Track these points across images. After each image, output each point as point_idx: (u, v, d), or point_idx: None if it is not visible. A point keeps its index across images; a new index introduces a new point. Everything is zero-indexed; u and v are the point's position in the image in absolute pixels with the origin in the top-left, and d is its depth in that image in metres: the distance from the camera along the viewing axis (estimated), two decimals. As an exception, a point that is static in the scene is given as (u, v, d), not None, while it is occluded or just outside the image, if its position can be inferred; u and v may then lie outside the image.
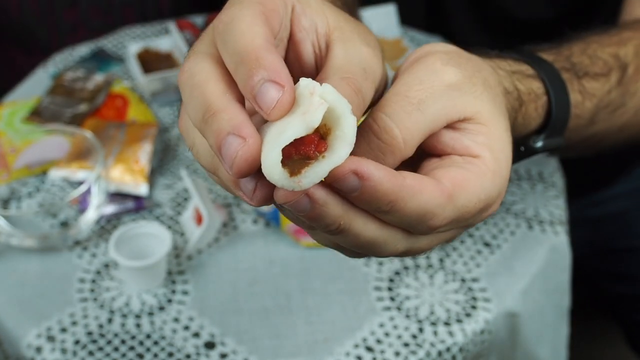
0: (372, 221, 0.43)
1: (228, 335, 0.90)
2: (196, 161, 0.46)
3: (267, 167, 0.39)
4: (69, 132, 1.09)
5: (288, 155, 0.39)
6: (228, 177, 0.43)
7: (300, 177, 0.39)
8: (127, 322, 0.92)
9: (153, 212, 1.05)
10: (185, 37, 1.30)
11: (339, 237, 0.43)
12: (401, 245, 0.44)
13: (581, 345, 1.33)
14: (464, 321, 0.90)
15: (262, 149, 0.40)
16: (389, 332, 0.90)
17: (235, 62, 0.41)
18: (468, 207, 0.44)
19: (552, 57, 0.66)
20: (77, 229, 1.00)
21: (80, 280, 0.96)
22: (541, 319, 0.98)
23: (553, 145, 0.63)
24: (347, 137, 0.40)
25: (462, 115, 0.45)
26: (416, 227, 0.43)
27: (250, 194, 0.42)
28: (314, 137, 0.40)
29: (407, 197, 0.41)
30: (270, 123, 0.41)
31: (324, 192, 0.41)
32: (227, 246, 1.01)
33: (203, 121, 0.41)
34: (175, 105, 1.23)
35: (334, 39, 0.46)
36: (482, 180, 0.44)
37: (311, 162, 0.40)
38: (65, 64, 1.30)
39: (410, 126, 0.43)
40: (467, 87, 0.45)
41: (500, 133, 0.46)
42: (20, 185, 1.09)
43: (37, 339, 0.89)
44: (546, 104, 0.61)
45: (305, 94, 0.40)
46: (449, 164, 0.45)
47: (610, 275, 1.28)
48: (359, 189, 0.40)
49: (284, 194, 0.40)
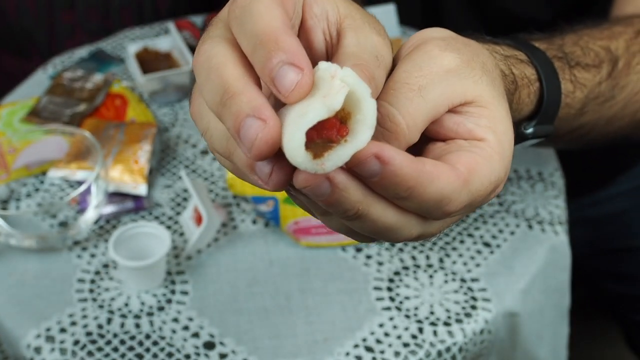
0: (390, 207, 0.43)
1: (227, 336, 0.90)
2: (207, 145, 0.46)
3: (291, 149, 0.39)
4: (68, 132, 1.09)
5: (310, 138, 0.39)
6: (244, 161, 0.42)
7: (323, 160, 0.39)
8: (126, 323, 0.91)
9: (152, 212, 1.05)
10: (185, 37, 1.30)
11: (355, 222, 0.43)
12: (415, 230, 0.44)
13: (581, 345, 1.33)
14: (463, 321, 0.90)
15: (283, 131, 0.39)
16: (389, 332, 0.90)
17: (253, 44, 0.41)
18: (480, 191, 0.44)
19: (545, 45, 0.67)
20: (76, 229, 1.00)
21: (80, 280, 0.96)
22: (541, 318, 0.98)
23: (544, 132, 0.64)
24: (369, 121, 0.40)
25: (463, 99, 0.45)
26: (432, 212, 0.43)
27: (266, 177, 0.41)
28: (335, 120, 0.40)
29: (425, 182, 0.41)
30: (287, 107, 0.41)
31: (344, 177, 0.41)
32: (226, 246, 1.00)
33: (221, 104, 0.41)
34: (180, 105, 1.23)
35: (345, 27, 0.46)
36: (490, 163, 0.44)
37: (334, 146, 0.39)
38: (64, 65, 1.30)
39: (412, 112, 0.43)
40: (466, 71, 0.46)
41: (501, 115, 0.46)
42: (20, 185, 1.09)
43: (37, 339, 0.89)
44: (538, 91, 0.62)
45: (325, 78, 0.40)
46: (456, 149, 0.45)
47: (609, 275, 1.28)
48: (379, 174, 0.40)
49: (305, 177, 0.40)
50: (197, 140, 1.16)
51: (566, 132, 0.72)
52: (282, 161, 0.40)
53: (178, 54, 1.27)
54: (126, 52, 1.28)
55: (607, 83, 0.74)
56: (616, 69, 0.75)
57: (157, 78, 1.21)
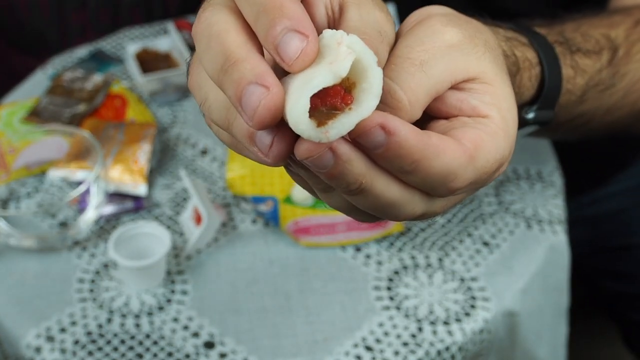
0: (394, 181, 0.41)
1: (227, 335, 0.90)
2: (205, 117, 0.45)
3: (294, 116, 0.38)
4: (68, 132, 1.09)
5: (314, 106, 0.38)
6: (243, 132, 0.41)
7: (327, 128, 0.38)
8: (126, 322, 0.92)
9: (152, 212, 1.05)
10: (184, 37, 1.30)
11: (358, 197, 0.42)
12: (419, 207, 0.43)
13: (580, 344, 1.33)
14: (463, 320, 0.90)
15: (286, 99, 0.38)
16: (388, 331, 0.90)
17: (256, 11, 0.40)
18: (486, 168, 0.43)
19: (545, 31, 0.66)
20: (76, 229, 1.00)
21: (80, 280, 0.96)
22: (540, 318, 0.99)
23: (544, 118, 0.63)
24: (374, 89, 0.39)
25: (466, 75, 0.44)
26: (437, 188, 0.42)
27: (266, 149, 0.40)
28: (340, 88, 0.38)
29: (431, 156, 0.40)
30: (291, 76, 0.40)
31: (348, 147, 0.39)
32: (226, 246, 1.01)
33: (222, 71, 0.39)
34: (180, 105, 1.23)
35: (347, 2, 0.44)
36: (496, 140, 0.43)
37: (338, 114, 0.38)
38: (64, 65, 1.30)
39: (414, 88, 0.42)
40: (469, 47, 0.45)
41: (505, 92, 0.45)
42: (19, 185, 1.09)
43: (37, 339, 0.89)
44: (539, 75, 0.61)
45: (331, 45, 0.39)
46: (460, 125, 0.44)
47: (608, 273, 1.28)
48: (384, 145, 0.39)
49: (307, 147, 0.39)
50: (196, 140, 1.16)
51: (565, 121, 0.71)
52: (284, 131, 0.39)
53: (177, 54, 1.27)
54: (125, 52, 1.29)
55: (607, 70, 0.73)
56: (616, 56, 0.74)
57: (157, 78, 1.21)
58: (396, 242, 1.00)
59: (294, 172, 0.43)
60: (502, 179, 1.09)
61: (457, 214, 1.04)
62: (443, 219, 1.03)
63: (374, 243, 1.00)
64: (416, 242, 1.00)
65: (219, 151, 1.14)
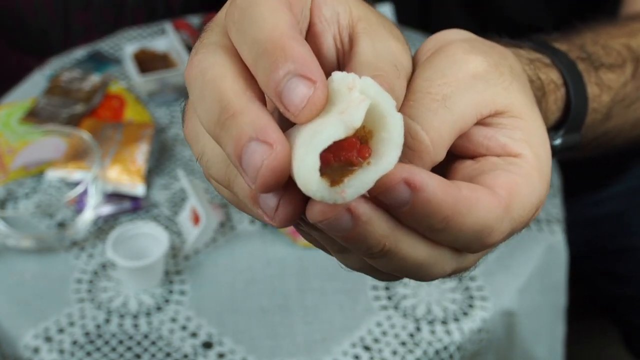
0: (421, 241, 0.37)
1: (226, 335, 0.90)
2: (203, 171, 0.40)
3: (303, 175, 0.33)
4: (66, 133, 1.09)
5: (326, 162, 0.33)
6: (245, 193, 0.36)
7: (343, 187, 0.33)
8: (124, 323, 0.92)
9: (150, 212, 1.05)
10: (182, 37, 1.30)
11: (381, 260, 0.37)
12: (449, 266, 0.39)
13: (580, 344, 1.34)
14: (461, 320, 0.90)
15: (292, 156, 0.33)
16: (387, 331, 0.90)
17: (256, 53, 0.35)
18: (523, 217, 0.39)
19: (566, 46, 0.61)
20: (74, 229, 1.00)
21: (78, 280, 0.96)
22: (538, 317, 0.99)
23: (571, 142, 0.58)
24: (395, 139, 0.34)
25: (494, 108, 0.40)
26: (471, 245, 0.38)
27: (271, 212, 0.35)
28: (355, 140, 0.34)
29: (464, 211, 0.36)
30: (297, 127, 0.35)
31: (368, 207, 0.34)
32: (224, 246, 1.01)
33: (218, 124, 0.35)
34: (178, 105, 1.23)
35: (359, 32, 0.40)
36: (531, 183, 0.39)
37: (355, 170, 0.33)
38: (61, 66, 1.30)
39: (437, 126, 0.38)
40: (495, 77, 0.40)
41: (537, 126, 0.41)
42: (17, 186, 1.09)
43: (35, 339, 0.89)
44: (564, 96, 0.56)
45: (342, 90, 0.34)
46: (490, 168, 0.39)
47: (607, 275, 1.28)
48: (409, 203, 0.34)
49: (321, 209, 0.34)
50: (194, 140, 1.16)
51: (590, 140, 0.66)
52: (291, 192, 0.34)
53: (175, 55, 1.27)
54: (123, 52, 1.29)
55: (632, 84, 0.68)
56: (639, 67, 0.70)
57: (155, 79, 1.21)
58: (394, 241, 1.00)
59: (304, 231, 0.38)
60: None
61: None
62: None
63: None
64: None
65: (217, 151, 1.14)
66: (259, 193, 0.35)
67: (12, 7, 1.54)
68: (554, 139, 0.57)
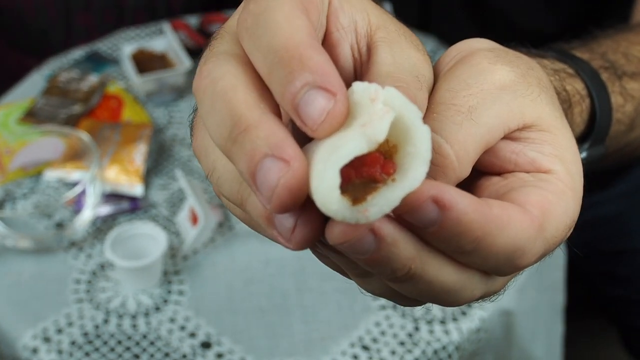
0: (449, 263, 0.34)
1: (224, 335, 0.90)
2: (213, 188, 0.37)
3: (322, 193, 0.30)
4: (64, 133, 1.09)
5: (347, 179, 0.31)
6: (260, 212, 0.34)
7: (366, 206, 0.31)
8: (123, 323, 0.92)
9: (148, 212, 1.05)
10: (180, 37, 1.30)
11: (406, 285, 0.34)
12: (478, 290, 0.36)
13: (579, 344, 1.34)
14: (459, 320, 0.90)
15: (310, 172, 0.31)
16: (385, 330, 0.90)
17: (270, 62, 0.33)
18: (556, 238, 0.36)
19: (587, 55, 0.58)
20: (72, 229, 1.00)
21: (76, 281, 0.96)
22: (536, 316, 0.99)
23: (596, 155, 0.55)
24: (423, 154, 0.31)
25: (522, 122, 0.37)
26: (502, 268, 0.35)
27: (288, 234, 0.33)
28: (379, 155, 0.31)
29: (495, 232, 0.33)
30: (315, 142, 0.32)
31: (393, 227, 0.32)
32: (222, 246, 1.01)
33: (230, 140, 0.32)
34: (176, 105, 1.23)
35: (377, 41, 0.38)
36: (565, 202, 0.37)
37: (378, 187, 0.31)
38: (60, 66, 1.30)
39: (462, 140, 0.35)
40: (522, 88, 0.38)
41: (567, 140, 0.39)
42: (15, 186, 1.09)
43: (33, 340, 0.89)
44: (589, 108, 0.54)
45: (363, 102, 0.32)
46: (520, 184, 0.37)
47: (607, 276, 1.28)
48: (438, 223, 0.32)
49: (342, 230, 0.31)
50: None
51: (612, 152, 0.63)
52: (309, 212, 0.32)
53: (173, 55, 1.27)
54: (121, 53, 1.29)
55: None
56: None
57: (153, 79, 1.21)
58: (392, 241, 1.00)
59: (322, 254, 0.36)
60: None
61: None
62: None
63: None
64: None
65: (215, 151, 1.14)
66: (275, 214, 0.33)
67: (12, 7, 1.54)
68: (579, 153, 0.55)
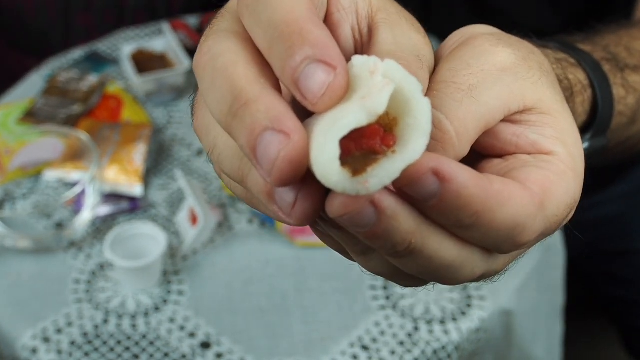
0: (450, 239, 0.35)
1: (224, 335, 0.90)
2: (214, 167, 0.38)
3: (322, 165, 0.30)
4: (64, 133, 1.09)
5: (346, 151, 0.31)
6: (260, 188, 0.34)
7: (366, 177, 0.31)
8: (122, 323, 0.92)
9: (148, 212, 1.05)
10: (179, 37, 1.30)
11: (406, 260, 0.35)
12: (478, 268, 0.36)
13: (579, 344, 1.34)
14: (459, 319, 0.90)
15: (310, 145, 0.31)
16: (385, 330, 0.90)
17: (271, 37, 0.33)
18: (557, 217, 0.36)
19: (589, 47, 0.59)
20: (71, 230, 1.00)
21: (76, 281, 0.96)
22: (536, 316, 0.99)
23: (597, 146, 0.56)
24: (423, 125, 0.31)
25: (522, 104, 0.38)
26: (502, 244, 0.35)
27: (288, 208, 0.33)
28: (378, 127, 0.31)
29: (495, 206, 0.33)
30: (315, 117, 0.32)
31: (392, 200, 0.32)
32: (222, 246, 1.01)
33: (231, 114, 0.33)
34: (175, 105, 1.23)
35: (378, 22, 0.38)
36: (566, 182, 0.37)
37: (378, 158, 0.31)
38: (59, 66, 1.30)
39: (462, 117, 0.35)
40: (524, 71, 0.38)
41: (568, 124, 0.39)
42: (15, 186, 1.09)
43: (33, 340, 0.89)
44: (591, 98, 0.54)
45: (363, 75, 0.32)
46: (521, 165, 0.37)
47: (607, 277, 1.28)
48: (438, 195, 0.32)
49: (342, 202, 0.31)
50: (192, 140, 1.16)
51: (614, 145, 0.64)
52: (309, 186, 0.32)
53: (172, 55, 1.27)
54: (121, 53, 1.29)
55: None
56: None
57: (152, 79, 1.21)
58: (392, 241, 1.00)
59: (322, 232, 0.36)
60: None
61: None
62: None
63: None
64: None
65: (214, 151, 1.14)
66: (275, 187, 0.33)
67: (12, 7, 1.54)
68: None
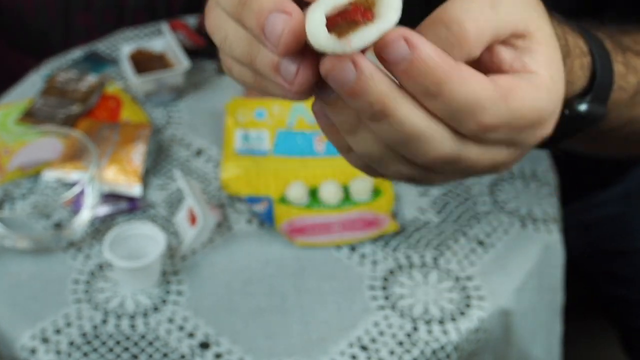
0: (418, 109, 0.41)
1: (223, 335, 0.90)
2: (223, 62, 0.46)
3: (313, 31, 0.39)
4: (63, 133, 1.09)
5: (333, 23, 0.39)
6: (267, 62, 0.42)
7: (349, 38, 0.39)
8: (121, 323, 0.92)
9: (147, 212, 1.05)
10: (179, 37, 1.30)
11: (381, 125, 0.41)
12: (448, 145, 0.42)
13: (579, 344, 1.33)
14: (458, 320, 0.90)
15: (306, 20, 0.39)
16: (384, 330, 0.90)
17: None
18: (522, 112, 0.41)
19: (593, 29, 0.63)
20: (70, 230, 1.00)
21: (75, 281, 0.96)
22: (535, 317, 0.99)
23: (597, 113, 0.59)
24: (394, 3, 0.39)
25: (525, 28, 0.43)
26: (464, 120, 0.41)
27: (291, 77, 0.41)
28: (360, 6, 0.39)
29: (457, 80, 0.39)
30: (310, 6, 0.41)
31: (369, 63, 0.39)
32: (221, 246, 1.01)
33: (240, 4, 0.41)
34: (175, 105, 1.23)
35: None
36: (536, 91, 0.42)
37: (359, 25, 0.39)
38: (58, 66, 1.30)
39: (481, 23, 0.41)
40: (535, 3, 0.44)
41: (558, 58, 0.44)
42: (14, 186, 1.09)
43: (32, 340, 0.89)
44: (590, 65, 0.58)
45: None
46: None
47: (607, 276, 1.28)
48: (407, 59, 0.39)
49: (331, 61, 0.39)
50: (191, 140, 1.16)
51: (616, 126, 0.67)
52: (308, 58, 0.40)
53: (172, 55, 1.27)
54: (120, 53, 1.29)
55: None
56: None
57: (151, 79, 1.21)
58: (391, 241, 1.00)
59: (319, 114, 0.44)
60: (497, 178, 1.09)
61: (451, 213, 1.04)
62: (438, 218, 1.03)
63: (369, 243, 1.00)
64: (411, 241, 1.01)
65: (213, 151, 1.14)
66: (281, 56, 0.40)
67: (12, 7, 1.54)
68: (579, 104, 0.58)
